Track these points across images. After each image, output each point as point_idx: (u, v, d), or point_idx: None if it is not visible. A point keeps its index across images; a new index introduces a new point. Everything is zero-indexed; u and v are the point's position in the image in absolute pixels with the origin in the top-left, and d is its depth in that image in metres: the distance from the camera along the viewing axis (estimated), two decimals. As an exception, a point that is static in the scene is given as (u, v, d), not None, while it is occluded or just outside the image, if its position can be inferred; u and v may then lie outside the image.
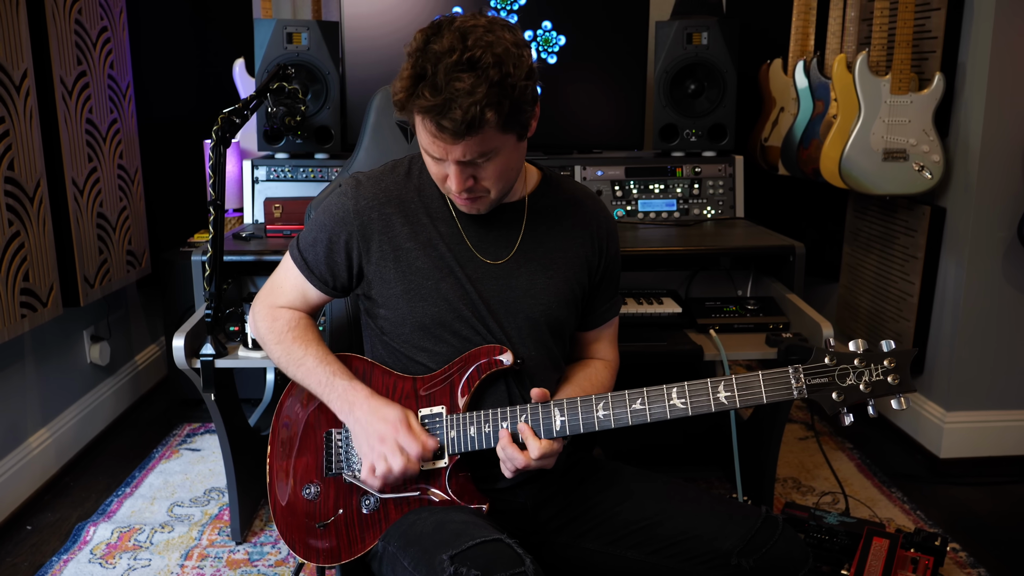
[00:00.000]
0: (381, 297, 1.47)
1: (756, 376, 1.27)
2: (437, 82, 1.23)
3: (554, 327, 1.49)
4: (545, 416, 1.36)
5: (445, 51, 1.24)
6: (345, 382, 1.45)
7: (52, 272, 2.50)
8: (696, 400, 1.31)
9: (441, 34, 1.27)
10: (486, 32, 1.26)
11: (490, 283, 1.45)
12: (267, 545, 2.32)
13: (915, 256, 2.84)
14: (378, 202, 1.46)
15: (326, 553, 1.46)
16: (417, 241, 1.45)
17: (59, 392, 2.78)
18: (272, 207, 2.45)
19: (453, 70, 1.23)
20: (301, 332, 1.52)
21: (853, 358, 1.26)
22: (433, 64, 1.24)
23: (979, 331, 2.72)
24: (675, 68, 2.77)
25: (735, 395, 1.29)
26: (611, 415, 1.34)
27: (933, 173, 2.60)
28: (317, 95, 2.66)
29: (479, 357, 1.43)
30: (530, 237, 1.48)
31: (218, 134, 2.00)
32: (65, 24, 2.54)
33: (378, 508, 1.44)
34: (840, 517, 2.12)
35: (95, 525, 2.40)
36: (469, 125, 1.24)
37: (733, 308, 2.30)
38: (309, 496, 1.49)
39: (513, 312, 1.45)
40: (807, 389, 1.26)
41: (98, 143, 2.76)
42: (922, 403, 2.89)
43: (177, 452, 2.89)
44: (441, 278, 1.44)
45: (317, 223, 1.50)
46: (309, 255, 1.51)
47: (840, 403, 1.25)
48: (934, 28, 2.67)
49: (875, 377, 1.25)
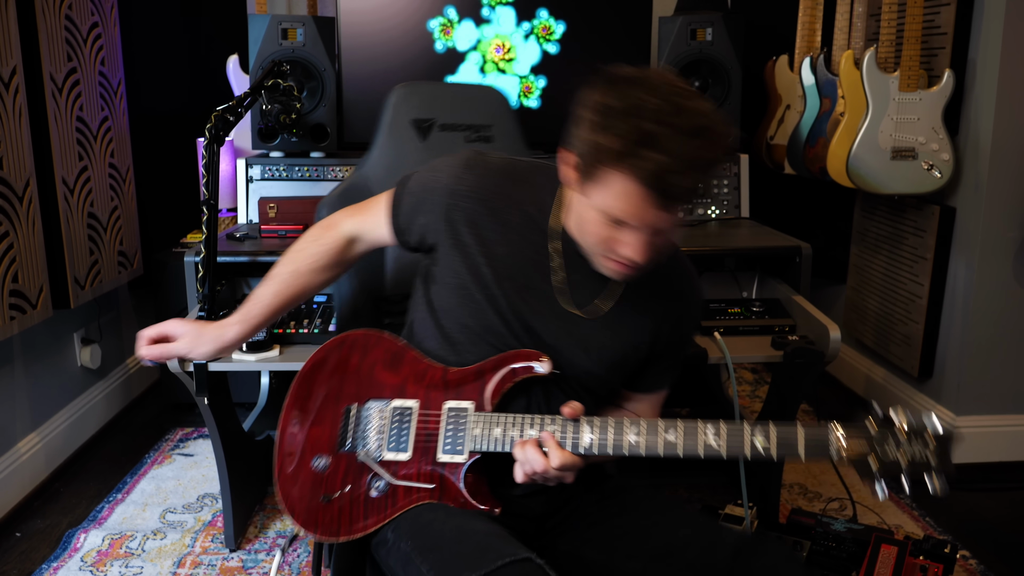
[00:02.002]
0: (440, 276, 1.48)
1: (795, 429, 1.26)
2: (671, 145, 1.19)
3: (592, 388, 1.49)
4: (575, 431, 1.35)
5: (672, 112, 1.20)
6: (246, 306, 1.61)
7: (41, 273, 2.50)
8: (731, 442, 1.30)
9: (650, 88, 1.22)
10: (699, 95, 1.24)
11: (551, 325, 1.44)
12: (261, 552, 2.32)
13: (924, 257, 2.84)
14: (474, 195, 1.45)
15: (325, 526, 1.45)
16: (491, 252, 1.44)
17: (49, 396, 2.78)
18: (267, 207, 2.46)
19: (690, 134, 1.19)
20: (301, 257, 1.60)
21: (896, 429, 1.25)
22: (662, 124, 1.19)
23: (989, 334, 2.72)
24: (679, 64, 2.77)
25: (772, 446, 1.28)
26: (642, 442, 1.33)
27: (942, 172, 2.61)
28: (313, 92, 2.66)
29: (516, 359, 1.43)
30: (621, 302, 1.46)
31: (211, 132, 2.00)
32: (55, 20, 2.54)
33: (386, 492, 1.43)
34: (847, 524, 2.12)
35: (86, 532, 2.41)
36: (692, 192, 1.23)
37: (738, 310, 2.30)
38: (318, 467, 1.48)
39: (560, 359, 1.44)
40: (847, 453, 1.25)
41: (89, 141, 2.76)
42: (932, 407, 2.89)
43: (170, 457, 2.89)
44: (496, 297, 1.43)
45: (420, 178, 1.51)
46: (404, 200, 1.52)
47: (877, 473, 1.24)
48: (943, 24, 2.67)
49: (917, 452, 1.24)
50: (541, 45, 2.78)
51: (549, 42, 2.78)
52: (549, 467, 1.33)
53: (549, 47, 2.78)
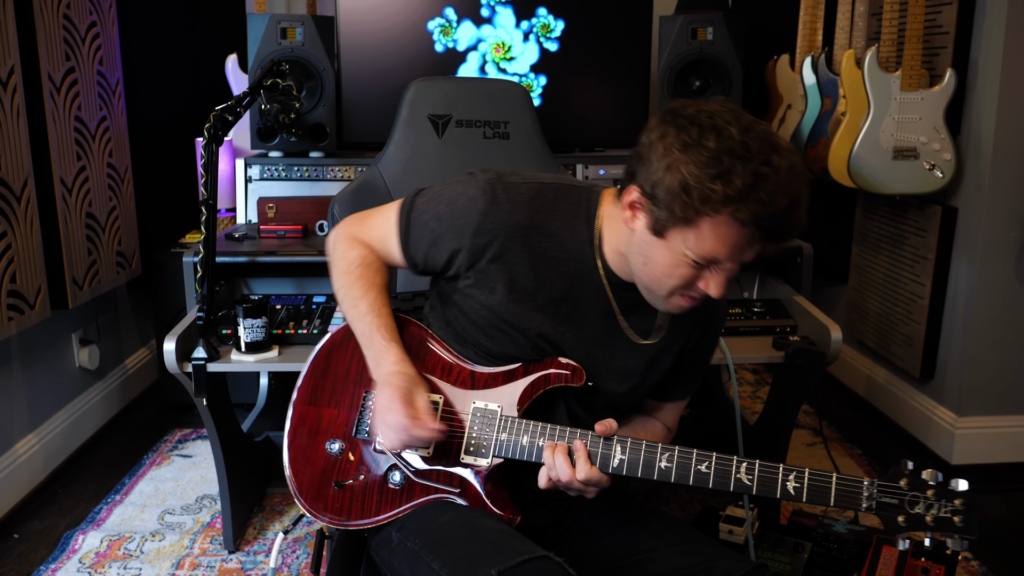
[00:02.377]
0: (463, 305, 1.43)
1: (830, 478, 1.29)
2: (778, 187, 1.18)
3: (616, 406, 1.47)
4: (605, 448, 1.34)
5: (769, 151, 1.19)
6: (384, 342, 1.41)
7: (40, 274, 2.50)
8: (763, 481, 1.30)
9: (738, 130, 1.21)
10: (767, 124, 1.26)
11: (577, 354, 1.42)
12: (261, 554, 2.32)
13: (926, 257, 2.84)
14: (505, 233, 1.37)
15: (334, 512, 1.43)
16: (519, 290, 1.38)
17: (47, 397, 2.78)
18: (266, 207, 2.46)
19: (789, 173, 1.19)
20: (371, 273, 1.47)
21: (926, 488, 1.27)
22: (769, 165, 1.18)
23: (991, 334, 2.72)
24: (679, 64, 2.77)
25: (804, 489, 1.29)
26: (673, 468, 1.32)
27: (944, 172, 2.61)
28: (312, 92, 2.66)
29: (548, 367, 1.40)
30: (668, 329, 1.45)
31: (210, 132, 2.00)
32: (53, 19, 2.54)
33: (403, 486, 1.41)
34: (849, 525, 2.12)
35: (84, 533, 2.41)
36: (789, 233, 1.23)
37: (739, 310, 2.30)
38: (332, 451, 1.46)
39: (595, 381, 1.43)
40: (876, 506, 1.27)
41: (87, 141, 2.76)
42: (933, 408, 2.89)
43: (168, 458, 2.89)
44: (526, 329, 1.40)
45: (437, 211, 1.42)
46: (415, 233, 1.44)
47: (902, 527, 1.27)
48: (945, 23, 2.67)
49: (943, 513, 1.26)
50: (541, 44, 2.78)
51: (549, 40, 2.78)
52: (575, 478, 1.31)
53: (549, 46, 2.78)
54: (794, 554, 1.99)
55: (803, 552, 2.00)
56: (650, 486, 2.64)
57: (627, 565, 1.38)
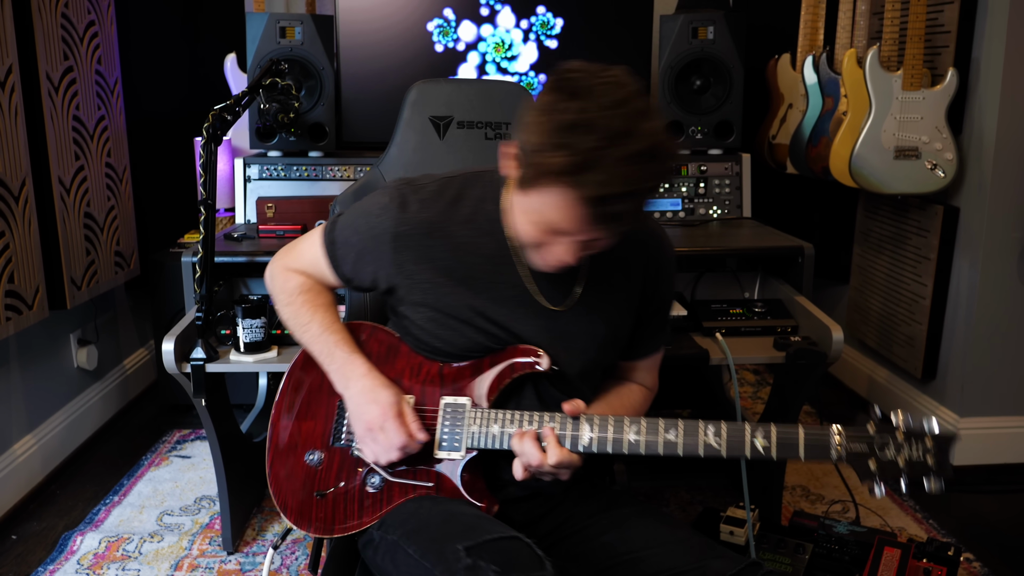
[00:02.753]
0: (408, 314, 1.47)
1: (796, 430, 1.28)
2: (615, 171, 1.15)
3: (587, 373, 1.48)
4: (574, 429, 1.35)
5: (621, 134, 1.14)
6: (345, 354, 1.45)
7: (38, 273, 2.50)
8: (732, 442, 1.30)
9: (599, 104, 1.16)
10: (654, 114, 1.18)
11: (531, 329, 1.43)
12: (260, 555, 2.32)
13: (927, 257, 2.84)
14: (420, 232, 1.42)
15: (319, 523, 1.45)
16: (453, 278, 1.42)
17: (45, 397, 2.78)
18: (265, 207, 2.46)
19: (634, 160, 1.15)
20: (312, 296, 1.52)
21: (895, 431, 1.28)
22: (610, 146, 1.14)
23: (993, 334, 2.72)
24: (680, 63, 2.77)
25: (772, 445, 1.29)
26: (642, 441, 1.33)
27: (946, 172, 2.61)
28: (311, 91, 2.66)
29: (514, 355, 1.42)
30: (592, 279, 1.45)
31: (209, 131, 2.00)
32: (51, 18, 2.54)
33: (382, 488, 1.44)
34: (850, 526, 2.12)
35: (82, 535, 2.40)
36: (633, 216, 1.22)
37: (740, 311, 2.30)
38: (311, 462, 1.48)
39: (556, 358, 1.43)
40: (846, 454, 1.27)
41: (85, 141, 2.76)
42: (934, 409, 2.89)
43: (167, 459, 2.89)
44: (472, 317, 1.42)
45: (355, 225, 1.47)
46: (340, 251, 1.48)
47: (874, 474, 1.27)
48: (947, 22, 2.67)
49: (915, 455, 1.27)
50: (541, 44, 2.78)
51: (549, 39, 2.78)
52: (545, 462, 1.33)
53: (549, 45, 2.78)
54: (795, 555, 1.99)
55: (804, 553, 2.00)
56: (650, 486, 2.64)
57: (619, 564, 1.39)
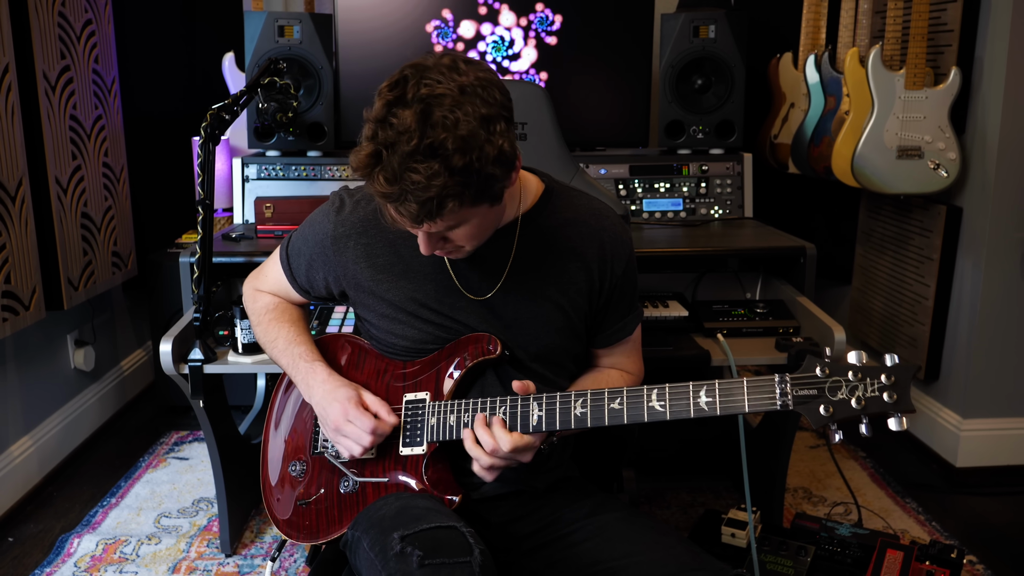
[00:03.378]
0: (363, 314, 1.54)
1: (740, 383, 1.24)
2: (394, 169, 1.18)
3: (545, 358, 1.49)
4: (524, 409, 1.36)
5: (404, 132, 1.17)
6: (307, 364, 1.51)
7: (35, 274, 2.50)
8: (676, 404, 1.28)
9: (404, 102, 1.19)
10: (454, 105, 1.18)
11: (473, 314, 1.46)
12: (258, 557, 2.32)
13: (930, 258, 2.84)
14: (355, 231, 1.48)
15: (306, 531, 1.50)
16: (392, 273, 1.47)
17: (42, 399, 2.78)
18: (263, 207, 2.45)
19: (409, 159, 1.17)
20: (278, 314, 1.62)
21: (847, 370, 1.21)
22: (390, 148, 1.18)
23: (997, 335, 2.72)
24: (681, 62, 2.77)
25: (716, 401, 1.26)
26: (588, 413, 1.33)
27: (949, 171, 2.61)
28: (310, 90, 2.66)
29: (466, 345, 1.45)
30: (519, 266, 1.45)
31: (207, 131, 2.00)
32: (48, 17, 2.54)
33: (356, 490, 1.47)
34: (852, 528, 2.12)
35: (79, 537, 2.40)
36: (427, 215, 1.22)
37: (741, 311, 2.30)
38: (295, 473, 1.55)
39: (507, 343, 1.45)
40: (792, 400, 1.21)
41: (82, 140, 2.76)
42: (938, 410, 2.89)
43: (164, 461, 2.89)
44: (417, 309, 1.47)
45: (303, 234, 1.56)
46: (294, 262, 1.58)
47: (828, 418, 1.19)
48: (950, 21, 2.67)
49: (869, 393, 1.19)
50: (541, 43, 2.78)
51: (549, 38, 2.78)
52: (499, 447, 1.32)
53: (549, 45, 2.78)
54: (797, 558, 1.99)
55: (806, 556, 2.00)
56: (651, 488, 2.64)
57: (599, 572, 1.38)
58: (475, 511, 1.46)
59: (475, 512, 1.46)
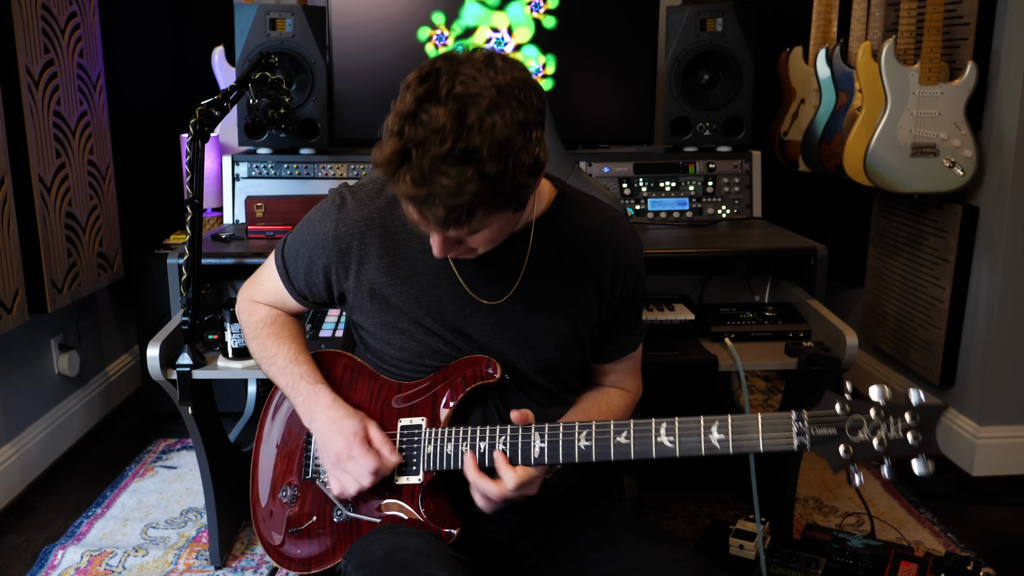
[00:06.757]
0: (361, 321, 1.50)
1: (754, 419, 1.21)
2: (423, 170, 1.14)
3: (550, 372, 1.48)
4: (524, 440, 1.34)
5: (436, 132, 1.12)
6: (309, 386, 1.48)
7: (17, 276, 2.50)
8: (686, 440, 1.26)
9: (437, 98, 1.14)
10: (491, 107, 1.14)
11: (481, 323, 1.44)
12: (248, 570, 2.32)
13: (946, 259, 2.84)
14: (359, 230, 1.44)
15: (298, 561, 1.48)
16: (396, 276, 1.44)
17: (25, 405, 2.78)
18: (254, 206, 2.46)
19: (441, 162, 1.13)
20: (276, 328, 1.57)
21: (869, 408, 1.18)
22: (419, 147, 1.13)
23: (1015, 339, 2.72)
24: (687, 57, 2.78)
25: (728, 439, 1.23)
26: (593, 447, 1.31)
27: (965, 170, 2.61)
28: (302, 86, 2.67)
29: (464, 368, 1.43)
30: (531, 273, 1.44)
31: (196, 128, 2.00)
32: (31, 10, 2.55)
33: (349, 519, 1.45)
34: (865, 540, 2.12)
35: (63, 548, 2.41)
36: (455, 221, 1.19)
37: (750, 315, 2.30)
38: (285, 499, 1.52)
39: (504, 357, 1.44)
40: (810, 440, 1.18)
41: (67, 137, 2.76)
42: (953, 417, 2.89)
43: (152, 470, 2.89)
44: (421, 316, 1.44)
45: (301, 236, 1.51)
46: (291, 265, 1.53)
47: (848, 460, 1.17)
48: (966, 14, 2.67)
49: (892, 434, 1.16)
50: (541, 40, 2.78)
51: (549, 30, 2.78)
52: (506, 491, 1.32)
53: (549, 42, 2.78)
54: (807, 570, 1.99)
55: (817, 568, 2.00)
56: (656, 498, 2.64)
57: None
58: (481, 526, 1.45)
59: (481, 527, 1.46)
